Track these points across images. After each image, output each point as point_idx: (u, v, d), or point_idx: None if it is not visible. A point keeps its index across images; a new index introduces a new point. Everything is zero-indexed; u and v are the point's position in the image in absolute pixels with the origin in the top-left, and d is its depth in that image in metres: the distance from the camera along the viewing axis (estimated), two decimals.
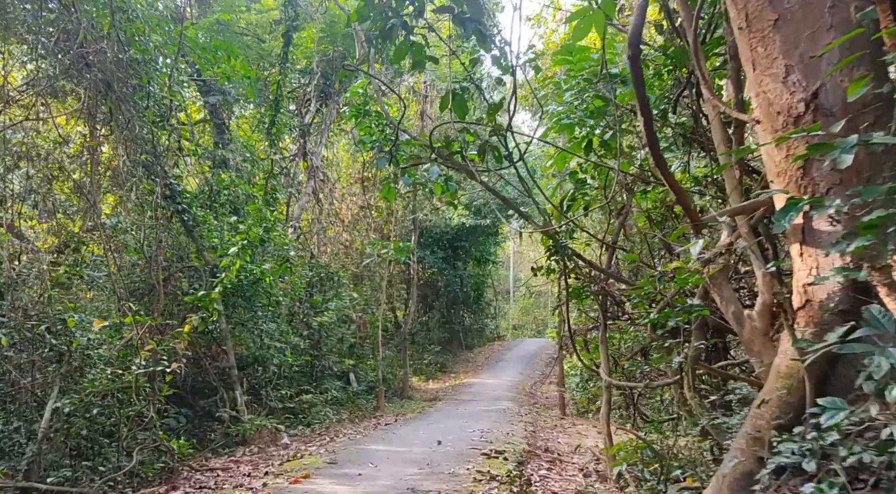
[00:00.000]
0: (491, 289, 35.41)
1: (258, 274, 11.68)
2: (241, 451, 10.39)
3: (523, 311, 43.46)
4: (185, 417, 11.51)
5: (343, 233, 22.92)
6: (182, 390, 11.98)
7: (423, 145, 9.00)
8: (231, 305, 11.88)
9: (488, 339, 34.01)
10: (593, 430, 13.91)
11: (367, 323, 17.41)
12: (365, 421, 14.28)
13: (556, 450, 10.62)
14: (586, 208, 9.20)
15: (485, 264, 31.83)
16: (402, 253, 16.76)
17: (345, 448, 10.21)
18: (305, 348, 13.87)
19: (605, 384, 8.29)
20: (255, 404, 12.13)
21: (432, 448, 10.12)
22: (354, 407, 15.34)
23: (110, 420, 9.20)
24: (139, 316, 8.90)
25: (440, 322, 30.01)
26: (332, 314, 14.45)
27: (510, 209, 8.29)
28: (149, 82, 9.96)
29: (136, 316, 8.65)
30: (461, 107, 8.23)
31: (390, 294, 24.69)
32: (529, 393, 22.94)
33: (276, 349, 12.32)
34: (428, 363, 26.25)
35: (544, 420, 15.75)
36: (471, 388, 22.80)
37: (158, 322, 9.96)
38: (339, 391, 14.97)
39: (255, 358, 11.84)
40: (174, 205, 11.60)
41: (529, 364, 28.83)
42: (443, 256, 28.68)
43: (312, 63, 18.38)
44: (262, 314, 12.70)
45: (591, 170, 8.87)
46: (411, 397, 20.72)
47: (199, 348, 11.88)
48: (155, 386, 8.68)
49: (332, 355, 15.10)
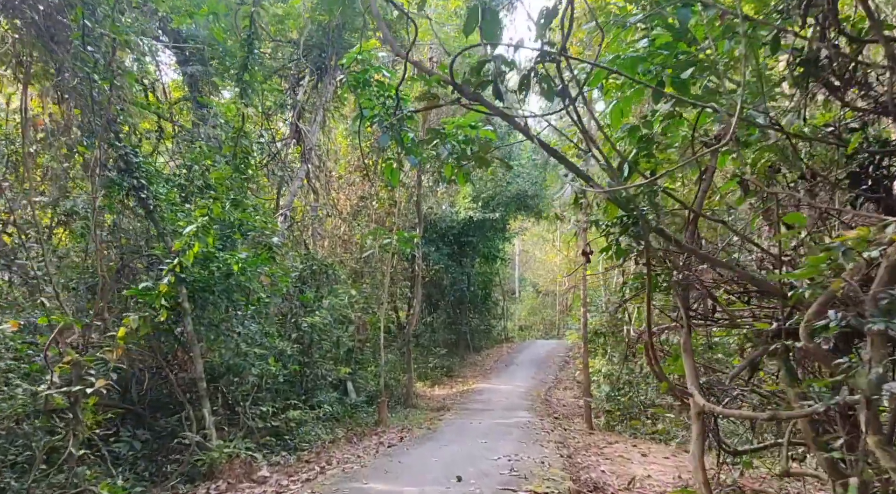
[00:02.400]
0: (499, 288, 32.95)
1: (232, 265, 9.27)
2: (203, 489, 7.96)
3: (530, 312, 41.01)
4: (142, 441, 9.11)
5: (341, 225, 20.49)
6: (140, 406, 9.59)
7: (440, 81, 6.53)
8: (200, 303, 9.47)
9: (496, 341, 31.57)
10: (634, 451, 11.50)
11: (368, 324, 14.99)
12: (365, 440, 11.85)
13: (606, 486, 8.18)
14: (652, 172, 6.75)
15: (492, 261, 29.40)
16: (406, 245, 14.34)
17: (336, 488, 7.76)
18: (294, 354, 11.45)
19: (694, 409, 5.85)
20: (229, 423, 9.71)
21: (450, 487, 7.69)
22: (352, 422, 12.92)
23: (24, 453, 6.81)
24: (60, 316, 6.49)
25: (446, 322, 27.60)
26: (325, 313, 12.02)
27: (565, 167, 5.68)
28: (84, 16, 7.53)
29: (52, 317, 6.24)
30: (492, 26, 5.79)
31: (393, 292, 22.27)
32: (545, 400, 20.55)
33: (256, 356, 9.89)
34: (433, 367, 23.87)
35: (572, 435, 13.33)
36: (481, 395, 20.40)
37: (96, 323, 7.55)
38: (334, 403, 12.54)
39: (228, 368, 9.42)
40: (130, 179, 9.20)
41: (542, 367, 26.41)
42: (448, 252, 26.28)
43: (305, 32, 15.99)
44: (240, 314, 10.29)
45: (658, 123, 6.43)
46: (416, 405, 18.32)
47: (160, 355, 9.47)
48: (77, 410, 6.25)
49: (327, 361, 12.68)
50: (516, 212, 27.41)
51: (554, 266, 41.09)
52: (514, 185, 25.99)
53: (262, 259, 9.45)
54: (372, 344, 15.48)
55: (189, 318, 9.30)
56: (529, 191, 26.30)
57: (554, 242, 40.78)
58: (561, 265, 39.46)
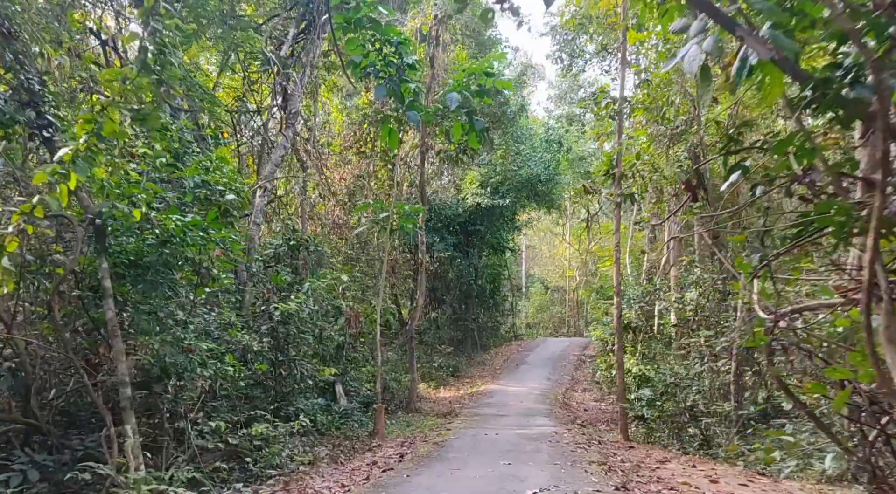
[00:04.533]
0: (508, 282, 30.19)
1: (171, 229, 6.59)
2: None
3: (538, 309, 38.25)
4: (42, 469, 6.42)
5: (336, 208, 17.80)
6: (44, 420, 6.89)
7: None
8: (126, 279, 6.80)
9: (504, 339, 28.81)
10: (698, 475, 8.78)
11: (362, 317, 12.26)
12: (355, 459, 9.15)
13: None
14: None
15: (501, 253, 26.68)
16: (407, 221, 11.61)
17: None
18: (263, 350, 8.77)
19: None
20: (166, 444, 6.99)
21: None
22: (340, 435, 10.22)
23: None
24: None
25: (451, 318, 24.88)
26: (304, 299, 9.30)
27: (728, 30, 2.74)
28: None
29: None
30: None
31: (393, 284, 19.58)
32: (564, 404, 17.84)
33: (208, 353, 7.20)
34: (438, 366, 21.17)
35: (608, 448, 10.60)
36: (492, 398, 17.70)
37: None
38: (317, 412, 9.83)
39: (163, 369, 6.73)
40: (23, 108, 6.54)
41: (556, 367, 23.66)
42: (454, 242, 23.57)
43: None
44: (192, 298, 7.62)
45: None
46: (420, 410, 15.64)
47: (70, 350, 6.78)
48: None
49: (307, 360, 9.96)
50: (526, 200, 24.68)
51: (563, 260, 38.38)
52: (526, 169, 23.26)
53: (210, 219, 6.76)
54: (367, 340, 12.76)
55: (111, 301, 6.62)
56: (542, 176, 23.58)
57: (563, 236, 38.08)
58: (571, 258, 36.75)
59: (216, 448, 7.07)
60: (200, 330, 7.66)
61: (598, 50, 19.75)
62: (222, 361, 7.50)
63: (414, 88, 11.51)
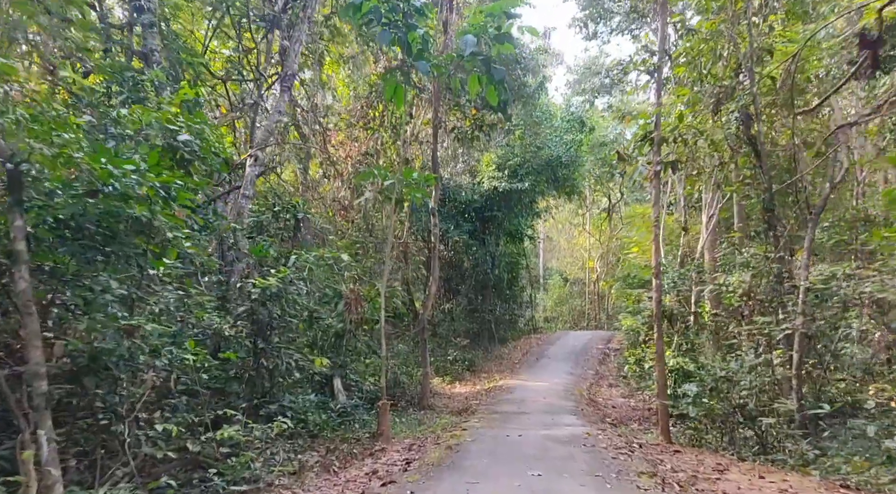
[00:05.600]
0: (526, 273, 28.38)
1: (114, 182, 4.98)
2: None
3: (557, 301, 36.38)
4: None
5: (341, 188, 16.17)
6: None
7: None
8: (49, 245, 5.20)
9: (523, 332, 27.02)
10: (769, 487, 7.05)
11: (366, 302, 10.57)
12: (352, 467, 7.50)
13: None
14: None
15: (519, 241, 24.92)
16: (416, 190, 9.91)
17: None
18: (239, 336, 7.15)
19: None
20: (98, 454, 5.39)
21: None
22: (337, 437, 8.57)
23: None
24: None
25: (467, 310, 23.18)
26: (286, 273, 7.56)
27: None
28: None
29: None
30: None
31: (405, 272, 17.92)
32: (591, 401, 16.09)
33: (157, 338, 5.60)
34: (453, 360, 19.52)
35: (652, 454, 8.85)
36: (511, 394, 15.99)
37: None
38: (309, 410, 8.19)
39: (92, 357, 5.12)
40: None
41: (578, 362, 21.85)
42: (470, 229, 21.86)
43: None
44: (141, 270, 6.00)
45: None
46: (433, 407, 14.01)
47: None
48: None
49: (297, 348, 8.30)
50: (546, 185, 22.87)
51: (583, 251, 36.53)
52: (546, 151, 21.49)
53: (152, 162, 5.13)
54: (371, 329, 11.09)
55: (24, 268, 5.03)
56: (563, 158, 21.80)
57: (583, 226, 36.23)
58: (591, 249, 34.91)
59: (165, 458, 5.44)
60: (158, 311, 6.05)
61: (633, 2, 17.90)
62: (180, 348, 5.87)
63: (422, 35, 9.82)
